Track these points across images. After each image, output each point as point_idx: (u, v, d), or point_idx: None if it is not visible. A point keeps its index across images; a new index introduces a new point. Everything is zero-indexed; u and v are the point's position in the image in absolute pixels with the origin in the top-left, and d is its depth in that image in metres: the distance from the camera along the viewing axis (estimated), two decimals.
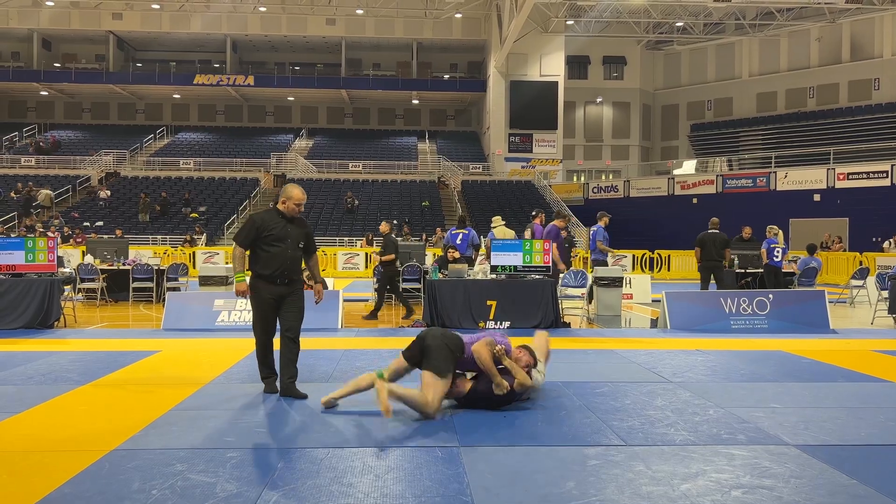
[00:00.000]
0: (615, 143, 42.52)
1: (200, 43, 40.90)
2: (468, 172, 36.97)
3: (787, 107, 38.86)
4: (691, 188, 31.49)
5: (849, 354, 7.66)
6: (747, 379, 6.32)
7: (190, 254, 22.60)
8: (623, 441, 4.36)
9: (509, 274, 9.95)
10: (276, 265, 5.44)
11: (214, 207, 30.89)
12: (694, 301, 9.97)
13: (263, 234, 5.43)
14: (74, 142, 39.60)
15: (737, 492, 3.51)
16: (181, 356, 7.34)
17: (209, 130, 43.05)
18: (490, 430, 4.59)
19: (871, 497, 3.46)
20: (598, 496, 3.44)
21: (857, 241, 25.45)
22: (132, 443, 4.26)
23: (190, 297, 10.59)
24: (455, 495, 3.43)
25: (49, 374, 6.39)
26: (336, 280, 14.81)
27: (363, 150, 39.64)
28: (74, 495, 3.42)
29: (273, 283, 5.45)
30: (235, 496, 3.41)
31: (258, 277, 5.48)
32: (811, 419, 4.89)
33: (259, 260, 5.47)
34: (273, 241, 5.43)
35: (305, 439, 4.35)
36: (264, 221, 5.48)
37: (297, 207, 5.55)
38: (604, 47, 40.98)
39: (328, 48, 41.22)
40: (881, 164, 27.01)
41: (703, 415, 5.01)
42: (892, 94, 35.36)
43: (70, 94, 42.34)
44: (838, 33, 36.96)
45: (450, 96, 42.67)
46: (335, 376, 6.31)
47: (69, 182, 32.89)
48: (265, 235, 5.43)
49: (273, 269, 5.44)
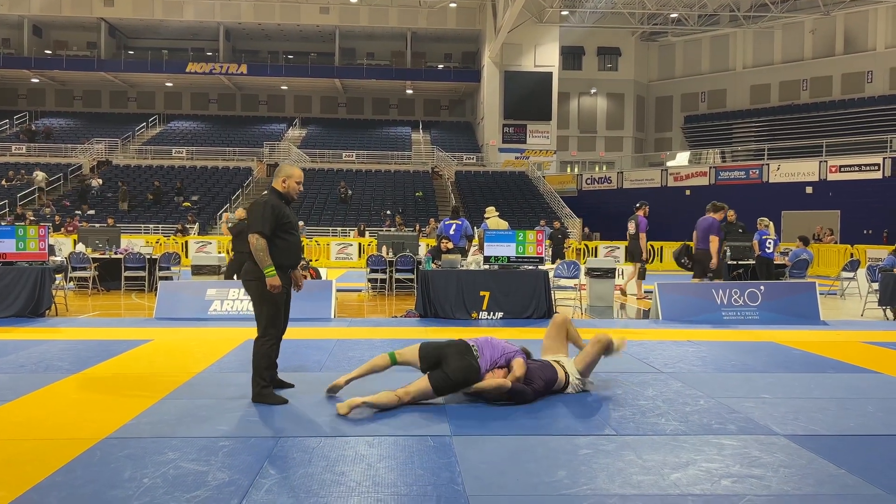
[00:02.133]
0: (609, 134, 42.52)
1: (193, 31, 40.60)
2: (462, 163, 36.92)
3: (781, 99, 38.91)
4: (684, 180, 31.55)
5: (839, 346, 7.71)
6: (738, 369, 6.36)
7: (182, 243, 22.52)
8: (614, 431, 4.38)
9: (502, 265, 9.96)
10: (295, 254, 5.20)
11: (207, 197, 30.77)
12: (686, 292, 10.01)
13: (282, 221, 5.06)
14: (66, 130, 39.30)
15: (726, 481, 3.53)
16: (173, 345, 7.33)
17: (202, 119, 42.81)
18: (482, 419, 4.60)
19: (858, 486, 3.49)
20: (588, 485, 3.45)
21: (848, 234, 25.58)
22: (123, 431, 4.26)
23: (182, 286, 10.56)
24: (447, 484, 3.44)
25: (40, 362, 6.37)
26: (329, 270, 14.79)
27: (357, 140, 39.51)
28: (66, 483, 3.41)
29: (286, 274, 5.15)
30: (227, 484, 3.41)
31: (279, 268, 5.01)
32: (801, 409, 4.93)
33: (278, 250, 5.03)
34: (290, 229, 5.12)
35: (297, 428, 4.36)
36: (279, 207, 5.06)
37: (299, 186, 5.23)
38: (598, 38, 40.91)
39: (322, 37, 40.99)
40: (873, 157, 27.11)
41: (693, 405, 5.04)
42: (884, 87, 35.45)
43: (61, 81, 41.99)
44: (832, 26, 36.99)
45: (444, 86, 42.54)
46: (328, 366, 6.32)
47: (60, 170, 32.68)
48: (283, 223, 5.07)
49: (293, 259, 5.18)
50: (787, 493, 3.39)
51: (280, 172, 5.22)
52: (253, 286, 5.05)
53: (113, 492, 3.31)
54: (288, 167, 5.24)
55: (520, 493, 3.36)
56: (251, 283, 5.06)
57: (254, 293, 5.07)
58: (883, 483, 3.53)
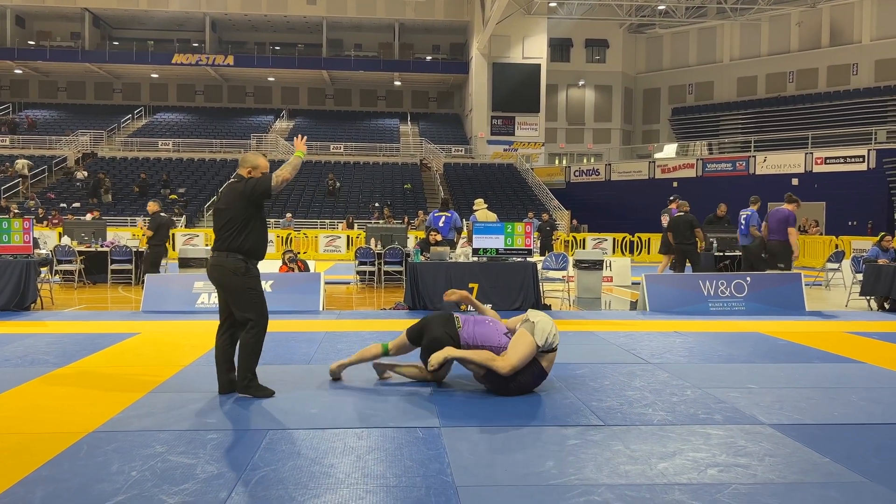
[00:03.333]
0: (597, 126, 42.59)
1: (179, 21, 40.21)
2: (450, 155, 36.88)
3: (768, 91, 39.10)
4: (672, 172, 31.67)
5: (823, 336, 7.79)
6: (724, 360, 6.42)
7: (169, 235, 22.35)
8: (602, 421, 4.41)
9: (491, 257, 9.97)
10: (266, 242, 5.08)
11: (194, 189, 30.56)
12: (673, 284, 10.07)
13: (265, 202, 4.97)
14: (50, 121, 38.87)
15: (713, 470, 3.57)
16: (161, 338, 7.30)
17: (188, 111, 42.46)
18: (471, 410, 4.62)
19: (842, 474, 3.54)
20: (576, 475, 3.48)
21: (833, 225, 25.80)
22: (111, 425, 4.24)
23: (169, 279, 10.50)
24: (435, 475, 3.46)
25: (26, 356, 6.32)
26: (318, 263, 14.75)
27: (345, 132, 39.34)
28: (52, 477, 3.39)
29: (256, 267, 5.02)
30: (216, 477, 3.40)
31: (255, 258, 4.93)
32: (786, 399, 4.98)
33: (257, 235, 4.89)
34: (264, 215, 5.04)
35: (287, 420, 4.35)
36: None
37: None
38: (586, 30, 40.91)
39: (309, 28, 40.73)
40: (858, 149, 27.32)
41: (680, 395, 5.08)
42: (870, 79, 35.70)
43: (45, 72, 41.51)
44: (818, 18, 37.18)
45: (432, 78, 42.41)
46: (316, 358, 6.31)
47: (45, 162, 32.34)
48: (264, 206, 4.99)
49: (265, 248, 5.05)
50: (773, 482, 3.43)
51: (247, 162, 4.99)
52: (236, 280, 4.85)
53: (100, 485, 3.29)
54: (255, 157, 5.04)
55: (508, 483, 3.38)
56: (234, 278, 4.85)
57: (237, 286, 4.85)
58: (865, 470, 3.58)
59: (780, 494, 3.27)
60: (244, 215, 4.86)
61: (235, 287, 4.88)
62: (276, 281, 9.69)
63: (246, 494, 3.21)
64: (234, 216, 4.85)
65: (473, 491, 3.28)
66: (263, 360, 6.13)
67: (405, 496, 3.21)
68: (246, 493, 3.21)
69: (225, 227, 4.87)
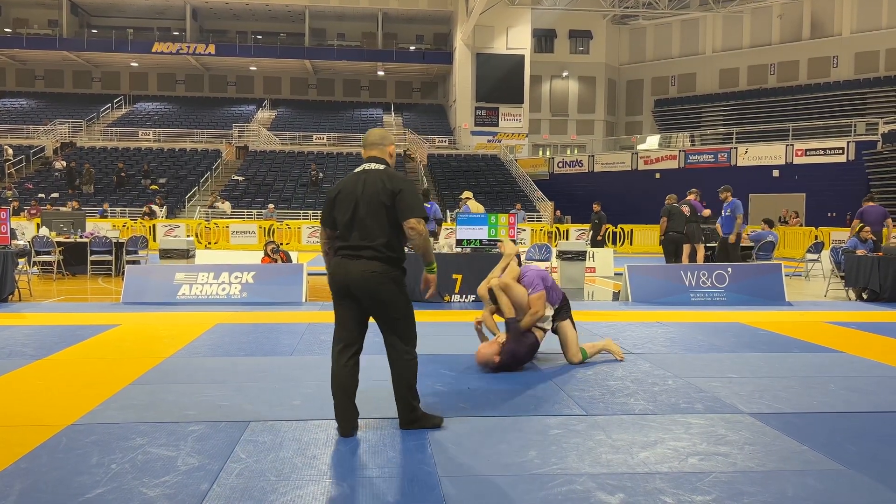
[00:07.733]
0: (580, 117, 42.69)
1: (159, 10, 39.69)
2: (434, 146, 36.79)
3: (749, 83, 39.39)
4: (654, 163, 31.84)
5: (803, 326, 7.88)
6: (706, 350, 6.47)
7: (150, 227, 22.15)
8: (584, 411, 4.43)
9: (475, 248, 9.97)
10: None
11: (175, 179, 30.25)
12: (655, 275, 10.14)
13: None
14: (27, 110, 38.26)
15: (693, 459, 3.60)
16: (141, 330, 7.23)
17: (169, 100, 41.98)
18: (453, 400, 4.62)
19: (820, 462, 3.58)
20: (559, 464, 3.49)
21: (813, 217, 26.08)
22: (90, 417, 4.19)
23: (150, 270, 10.40)
24: (418, 465, 3.46)
25: (3, 348, 6.23)
26: (300, 254, 14.68)
27: (328, 122, 39.11)
28: (31, 470, 3.35)
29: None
30: (197, 469, 3.38)
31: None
32: (766, 388, 5.03)
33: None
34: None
35: (269, 412, 4.33)
36: None
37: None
38: (570, 21, 40.93)
39: (291, 17, 40.37)
40: (838, 141, 27.61)
41: (662, 385, 5.12)
42: (849, 72, 36.06)
43: (22, 60, 40.83)
44: (799, 11, 37.46)
45: (416, 68, 42.23)
46: (299, 349, 6.28)
47: (22, 152, 31.84)
48: None
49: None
50: (752, 470, 3.46)
51: (386, 139, 4.13)
52: (392, 291, 3.80)
53: (80, 478, 3.26)
54: (388, 133, 4.23)
55: (491, 473, 3.39)
56: (389, 288, 3.78)
57: (390, 297, 3.79)
58: (843, 458, 3.62)
59: (759, 482, 3.30)
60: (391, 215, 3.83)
61: (386, 299, 3.80)
62: (258, 272, 9.63)
63: (227, 486, 3.18)
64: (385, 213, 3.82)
65: (456, 481, 3.28)
66: (245, 352, 6.12)
67: (388, 487, 3.20)
68: (227, 485, 3.19)
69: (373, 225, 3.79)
